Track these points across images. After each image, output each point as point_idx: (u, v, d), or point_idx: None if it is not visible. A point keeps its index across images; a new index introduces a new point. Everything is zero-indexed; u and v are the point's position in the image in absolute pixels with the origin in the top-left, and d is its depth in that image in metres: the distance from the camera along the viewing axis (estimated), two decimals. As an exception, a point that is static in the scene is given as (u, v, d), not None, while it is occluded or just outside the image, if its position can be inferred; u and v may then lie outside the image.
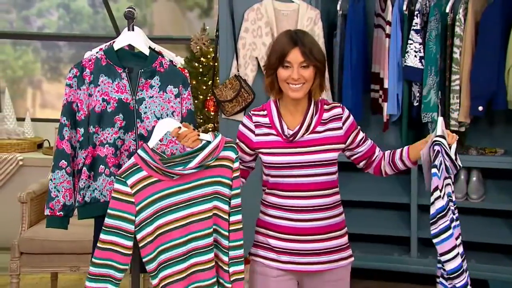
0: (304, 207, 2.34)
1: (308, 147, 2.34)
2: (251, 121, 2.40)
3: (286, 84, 2.32)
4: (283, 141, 2.35)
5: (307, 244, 2.35)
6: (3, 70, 5.57)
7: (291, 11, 3.85)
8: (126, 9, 2.72)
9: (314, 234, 2.35)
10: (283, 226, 2.36)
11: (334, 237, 2.39)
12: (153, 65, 2.66)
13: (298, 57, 2.29)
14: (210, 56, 4.37)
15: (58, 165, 2.57)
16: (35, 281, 4.22)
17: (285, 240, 2.36)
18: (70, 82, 2.61)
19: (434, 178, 2.25)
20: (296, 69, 2.30)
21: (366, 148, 2.46)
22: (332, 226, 2.38)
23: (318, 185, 2.35)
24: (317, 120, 2.37)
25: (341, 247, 2.41)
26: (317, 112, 2.38)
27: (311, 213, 2.34)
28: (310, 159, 2.33)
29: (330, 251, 2.38)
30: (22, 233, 3.72)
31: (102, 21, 5.48)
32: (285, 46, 2.30)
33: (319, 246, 2.36)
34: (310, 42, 2.32)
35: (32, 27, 5.58)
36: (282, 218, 2.36)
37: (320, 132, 2.36)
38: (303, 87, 2.32)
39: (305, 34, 2.37)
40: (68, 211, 2.59)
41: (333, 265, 2.39)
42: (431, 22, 3.88)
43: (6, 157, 4.86)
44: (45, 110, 5.65)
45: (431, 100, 3.92)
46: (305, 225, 2.34)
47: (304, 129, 2.35)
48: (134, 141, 2.61)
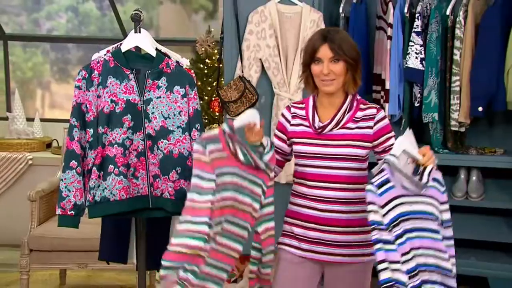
0: (326, 198, 2.37)
1: (335, 140, 2.37)
2: (289, 112, 2.47)
3: (318, 78, 2.38)
4: (313, 132, 2.40)
5: (326, 234, 2.37)
6: (13, 71, 5.58)
7: (295, 13, 3.85)
8: (133, 11, 2.72)
9: (333, 225, 2.37)
10: (305, 215, 2.40)
11: (355, 232, 2.38)
12: (160, 66, 2.67)
13: (328, 52, 2.35)
14: (215, 58, 4.37)
15: (68, 165, 2.58)
16: (44, 277, 4.23)
17: (306, 228, 2.40)
18: (79, 84, 2.61)
19: (368, 194, 2.19)
20: (326, 64, 2.36)
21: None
22: (353, 221, 2.37)
23: (341, 178, 2.37)
24: (349, 117, 2.40)
25: (362, 243, 2.39)
26: (351, 110, 2.41)
27: (332, 205, 2.37)
28: (335, 152, 2.36)
29: (350, 245, 2.39)
30: (31, 231, 3.73)
31: (109, 23, 5.49)
32: (316, 43, 2.37)
33: (338, 238, 2.37)
34: (340, 39, 2.37)
35: (41, 30, 5.59)
36: (305, 207, 2.40)
37: (350, 128, 2.39)
38: (334, 82, 2.37)
39: (337, 31, 2.42)
40: (79, 210, 2.59)
41: (353, 259, 2.40)
42: (432, 24, 3.88)
43: (16, 156, 4.87)
44: (53, 111, 5.67)
45: (432, 101, 3.92)
46: (325, 215, 2.37)
47: (334, 123, 2.39)
48: (142, 141, 2.62)
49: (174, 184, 2.61)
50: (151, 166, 2.61)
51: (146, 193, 2.61)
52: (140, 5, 5.38)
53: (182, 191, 2.60)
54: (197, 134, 2.66)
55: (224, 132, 2.31)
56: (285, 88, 3.85)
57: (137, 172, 2.60)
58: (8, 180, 4.87)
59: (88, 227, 3.21)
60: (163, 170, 2.61)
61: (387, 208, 2.19)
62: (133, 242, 2.90)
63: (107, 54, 2.68)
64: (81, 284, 4.19)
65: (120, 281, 4.23)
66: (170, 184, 2.60)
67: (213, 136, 2.32)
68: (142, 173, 2.61)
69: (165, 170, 2.60)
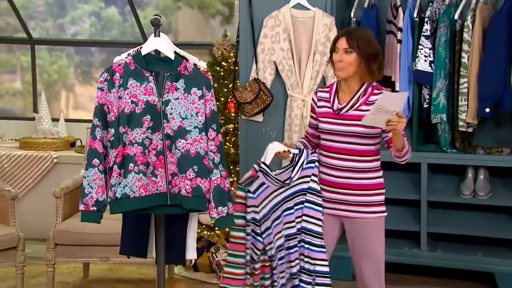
0: (342, 167, 2.74)
1: (350, 120, 2.71)
2: (316, 96, 2.84)
3: (334, 65, 2.73)
4: (333, 113, 2.75)
5: (340, 195, 2.76)
6: (40, 74, 5.62)
7: (308, 18, 3.84)
8: (152, 16, 2.72)
9: (348, 189, 2.74)
10: (327, 180, 2.79)
11: (366, 194, 2.74)
12: (178, 68, 2.67)
13: (343, 44, 2.70)
14: (231, 61, 4.36)
15: (91, 164, 2.58)
16: (69, 270, 4.25)
17: (328, 191, 2.79)
18: (101, 86, 2.62)
19: (248, 199, 2.70)
20: (340, 53, 2.70)
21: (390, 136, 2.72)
22: (365, 186, 2.74)
23: (354, 151, 2.72)
24: (363, 101, 2.72)
25: (373, 203, 2.75)
26: (366, 94, 2.73)
27: (346, 172, 2.74)
28: (350, 130, 2.71)
29: (360, 204, 2.74)
30: (56, 226, 3.75)
31: (130, 28, 5.51)
32: (338, 35, 2.77)
33: (350, 198, 2.75)
34: (358, 35, 2.70)
35: (66, 34, 5.62)
36: (326, 174, 2.79)
37: (363, 110, 2.69)
38: (346, 70, 2.70)
39: (359, 30, 2.86)
40: (100, 206, 2.59)
41: (365, 215, 2.75)
42: (441, 29, 3.85)
43: (42, 155, 4.90)
44: (77, 111, 5.69)
45: (440, 102, 3.90)
46: (341, 181, 2.75)
47: (350, 106, 2.73)
48: (161, 140, 2.62)
49: (191, 182, 2.60)
50: (169, 164, 2.61)
51: (164, 190, 2.61)
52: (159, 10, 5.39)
53: (199, 188, 2.60)
54: (213, 134, 2.65)
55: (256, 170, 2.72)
56: (298, 90, 3.84)
57: (156, 170, 2.61)
58: (34, 177, 4.90)
59: (110, 223, 3.21)
60: (181, 169, 2.60)
61: (262, 204, 2.70)
62: (152, 237, 2.90)
63: (128, 57, 2.68)
64: (103, 277, 4.21)
65: (140, 274, 4.24)
66: (187, 182, 2.60)
67: (249, 177, 2.71)
68: (160, 171, 2.61)
69: (183, 168, 2.60)
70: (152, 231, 2.89)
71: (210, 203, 2.63)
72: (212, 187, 2.62)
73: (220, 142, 2.67)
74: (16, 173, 4.89)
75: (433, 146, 4.08)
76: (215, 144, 2.65)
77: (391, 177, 4.15)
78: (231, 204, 2.67)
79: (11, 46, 5.72)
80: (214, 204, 2.62)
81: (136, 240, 2.90)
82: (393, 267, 4.19)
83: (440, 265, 4.00)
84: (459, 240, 4.02)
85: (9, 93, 5.78)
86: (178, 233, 2.86)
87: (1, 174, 4.87)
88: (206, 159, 2.62)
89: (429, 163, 3.96)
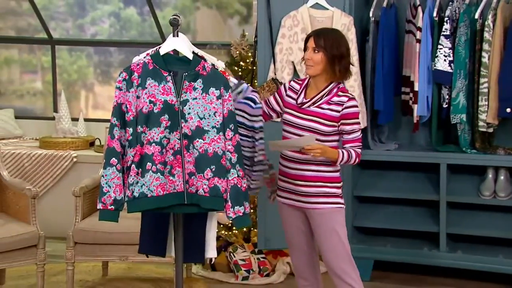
0: (298, 159, 2.86)
1: (309, 115, 2.84)
2: (289, 84, 2.96)
3: (304, 63, 2.87)
4: (296, 106, 2.88)
5: (295, 186, 2.89)
6: (60, 74, 5.66)
7: (326, 18, 3.82)
8: (171, 16, 2.72)
9: (304, 180, 2.86)
10: (285, 172, 2.92)
11: (322, 186, 2.85)
12: (196, 68, 2.66)
13: (311, 43, 2.83)
14: (249, 61, 4.36)
15: (109, 163, 2.59)
16: (88, 268, 4.28)
17: (286, 181, 2.92)
18: (120, 85, 2.63)
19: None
20: (309, 52, 2.84)
21: (344, 139, 2.87)
22: (320, 178, 2.86)
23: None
24: (326, 100, 2.84)
25: (329, 194, 2.86)
26: (329, 94, 2.85)
27: (304, 165, 2.86)
28: (308, 125, 2.83)
29: (314, 195, 2.86)
30: (76, 225, 3.77)
31: (149, 28, 5.53)
32: (309, 35, 2.89)
33: (304, 189, 2.87)
34: (325, 36, 2.82)
35: (86, 34, 5.66)
36: (285, 166, 2.91)
37: (323, 108, 2.83)
38: (313, 68, 2.83)
39: (327, 30, 2.93)
40: (118, 205, 2.60)
41: (322, 205, 2.86)
42: (461, 28, 3.81)
43: (62, 154, 4.94)
44: (96, 111, 5.73)
45: (460, 102, 3.86)
46: (297, 173, 2.88)
47: (312, 102, 2.85)
48: (178, 140, 2.62)
49: (209, 181, 2.60)
50: (187, 164, 2.61)
51: (181, 189, 2.62)
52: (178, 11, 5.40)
53: (216, 188, 2.60)
54: (230, 133, 2.65)
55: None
56: (317, 90, 3.82)
57: (174, 170, 2.61)
58: (54, 176, 4.94)
59: (129, 222, 3.23)
60: (198, 168, 2.60)
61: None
62: (171, 236, 2.90)
63: (147, 57, 2.69)
64: (122, 276, 4.22)
65: (158, 274, 4.25)
66: (205, 181, 2.60)
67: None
68: (178, 170, 2.61)
69: (200, 168, 2.60)
70: (171, 230, 2.89)
71: (227, 203, 2.62)
72: (229, 187, 2.62)
73: (238, 142, 2.67)
74: (36, 172, 4.93)
75: (452, 147, 4.03)
76: (232, 144, 2.64)
77: (411, 177, 4.13)
78: (248, 203, 2.66)
79: (32, 47, 5.78)
80: (231, 204, 2.62)
81: (155, 239, 2.91)
82: (412, 268, 4.16)
83: (459, 266, 3.96)
84: (479, 241, 3.98)
85: (30, 93, 5.84)
86: (196, 231, 2.86)
87: (22, 173, 4.92)
88: (223, 159, 2.62)
89: (448, 163, 3.92)
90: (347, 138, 2.85)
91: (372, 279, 4.07)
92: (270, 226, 3.89)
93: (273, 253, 4.22)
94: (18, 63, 5.84)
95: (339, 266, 2.85)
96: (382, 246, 4.06)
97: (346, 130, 2.83)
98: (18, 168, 4.93)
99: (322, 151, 2.76)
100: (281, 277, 4.11)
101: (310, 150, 2.75)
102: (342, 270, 2.85)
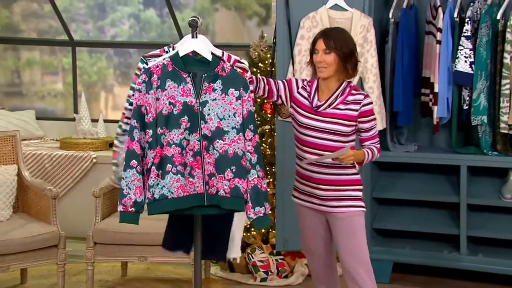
0: (321, 163, 2.82)
1: (326, 117, 2.82)
2: (302, 83, 2.91)
3: (315, 66, 2.84)
4: (311, 109, 2.85)
5: (316, 190, 2.85)
6: (80, 75, 5.71)
7: (345, 19, 3.80)
8: (190, 18, 2.73)
9: (321, 183, 2.84)
10: (304, 174, 2.88)
11: (344, 189, 2.83)
12: (216, 69, 2.66)
13: (322, 45, 2.81)
14: (268, 62, 4.35)
15: (129, 165, 2.60)
16: (108, 268, 4.30)
17: (306, 185, 2.89)
18: (139, 87, 2.64)
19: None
20: (320, 54, 2.81)
21: (362, 137, 2.86)
22: (342, 182, 2.84)
23: (328, 147, 2.81)
24: (341, 100, 2.83)
25: (351, 197, 2.84)
26: (343, 94, 2.83)
27: (323, 168, 2.83)
28: (326, 127, 2.82)
29: (335, 199, 2.84)
30: (96, 225, 3.79)
31: (168, 29, 5.55)
32: (316, 37, 2.85)
33: (325, 193, 2.84)
34: (335, 35, 2.81)
35: (106, 36, 5.70)
36: (306, 169, 2.87)
37: (340, 109, 2.82)
38: (326, 70, 2.81)
39: (335, 30, 2.89)
40: (139, 207, 2.61)
41: (344, 209, 2.83)
42: (482, 29, 3.76)
43: (82, 155, 4.97)
44: (116, 112, 5.76)
45: (481, 104, 3.81)
46: (315, 176, 2.85)
47: (328, 104, 2.83)
48: (198, 141, 2.62)
49: (229, 182, 2.60)
50: (207, 165, 2.61)
51: (201, 191, 2.61)
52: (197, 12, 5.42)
53: (237, 189, 2.60)
54: (250, 134, 2.65)
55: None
56: (336, 91, 3.80)
57: (193, 171, 2.61)
58: (74, 177, 4.97)
59: (148, 223, 3.23)
60: (219, 169, 2.60)
61: None
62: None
63: (166, 58, 2.69)
64: (141, 276, 4.24)
65: (176, 274, 4.26)
66: (226, 182, 2.60)
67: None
68: (197, 172, 2.61)
69: (221, 169, 2.60)
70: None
71: (247, 204, 2.62)
72: (250, 188, 2.61)
73: (257, 142, 2.66)
74: (57, 172, 4.97)
75: (473, 149, 3.99)
76: (252, 145, 2.64)
77: (430, 179, 4.09)
78: (268, 204, 2.65)
79: (53, 48, 5.83)
80: (252, 205, 2.61)
81: (180, 236, 2.91)
82: (432, 271, 4.12)
83: (480, 269, 3.91)
84: (501, 245, 3.93)
85: (51, 94, 5.89)
86: (220, 230, 2.87)
87: (43, 174, 4.96)
88: (243, 160, 2.62)
89: (469, 165, 3.87)
90: (366, 135, 2.85)
91: (391, 281, 4.04)
92: (288, 228, 3.88)
93: (291, 255, 4.21)
94: (40, 65, 5.89)
95: (357, 270, 2.83)
96: (402, 248, 4.03)
97: (365, 127, 2.83)
98: (39, 169, 4.97)
99: (354, 157, 2.76)
100: (300, 279, 4.10)
101: (344, 159, 2.74)
102: (359, 275, 2.82)
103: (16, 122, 5.35)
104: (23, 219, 3.83)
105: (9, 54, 5.90)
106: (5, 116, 5.42)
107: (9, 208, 3.86)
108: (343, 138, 2.82)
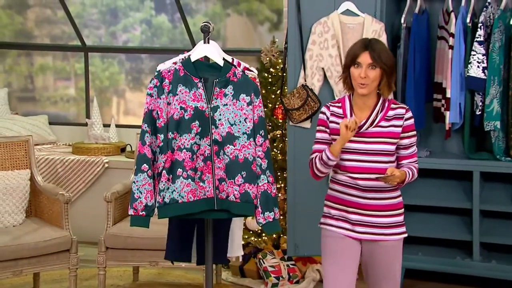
0: (367, 187, 2.60)
1: (371, 138, 2.59)
2: (328, 110, 2.68)
3: (356, 81, 2.59)
4: None
5: (365, 217, 2.62)
6: (92, 80, 5.75)
7: (357, 24, 3.80)
8: (202, 23, 2.74)
9: (370, 210, 2.61)
10: (347, 200, 2.64)
11: (389, 215, 2.63)
12: (227, 75, 2.68)
13: (367, 59, 2.57)
14: (279, 67, 4.36)
15: (140, 169, 2.62)
16: (119, 273, 4.32)
17: (348, 212, 2.64)
18: (151, 92, 2.66)
19: None
20: (364, 69, 2.56)
21: (401, 154, 2.66)
22: (388, 206, 2.63)
23: (376, 170, 2.59)
24: (382, 116, 2.61)
25: (395, 224, 2.65)
26: (383, 109, 2.62)
27: (370, 193, 2.61)
28: (372, 148, 2.59)
29: (383, 226, 2.63)
30: (107, 230, 3.81)
31: (180, 35, 5.58)
32: (358, 50, 2.59)
33: (374, 220, 2.62)
34: (380, 48, 2.58)
35: (118, 42, 5.74)
36: (346, 194, 2.64)
37: (384, 127, 2.60)
38: (369, 86, 2.57)
39: (377, 42, 2.64)
40: (149, 211, 2.62)
41: (385, 237, 2.64)
42: (495, 34, 3.75)
43: (93, 160, 5.00)
44: (128, 117, 5.79)
45: (494, 109, 3.79)
46: (363, 202, 2.62)
47: (369, 123, 2.61)
48: (209, 146, 2.63)
49: (240, 187, 2.61)
50: (217, 170, 2.62)
51: (211, 195, 2.63)
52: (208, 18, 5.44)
53: (247, 194, 2.61)
54: (261, 139, 2.65)
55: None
56: (347, 96, 3.80)
57: (204, 176, 2.62)
58: (86, 182, 5.00)
59: (159, 227, 3.25)
60: (229, 174, 2.61)
61: None
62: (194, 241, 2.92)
63: (178, 63, 2.71)
64: (152, 281, 4.25)
65: (187, 279, 4.27)
66: (236, 187, 2.61)
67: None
68: (208, 176, 2.62)
69: (231, 174, 2.61)
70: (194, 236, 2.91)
71: (257, 209, 2.63)
72: (259, 193, 2.62)
73: (268, 148, 2.67)
74: (69, 177, 5.00)
75: (486, 154, 3.97)
76: (262, 150, 2.65)
77: (442, 185, 4.07)
78: (277, 209, 2.66)
79: (66, 54, 5.88)
80: (261, 210, 2.62)
81: (181, 245, 2.92)
82: (444, 277, 4.10)
83: (493, 276, 3.88)
84: (514, 251, 3.90)
85: (64, 100, 5.94)
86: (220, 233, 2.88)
87: (55, 178, 5.00)
88: (254, 165, 2.63)
89: (481, 171, 3.85)
90: (405, 153, 2.63)
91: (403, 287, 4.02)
92: (299, 233, 3.87)
93: (302, 260, 4.21)
94: (52, 70, 5.94)
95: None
96: (414, 254, 4.01)
97: (404, 144, 2.62)
98: (52, 174, 5.01)
99: (399, 177, 2.55)
100: (311, 284, 4.09)
101: (390, 180, 2.54)
102: None
103: (29, 127, 5.40)
104: (36, 224, 3.86)
105: (23, 60, 5.95)
106: (18, 121, 5.47)
107: (22, 213, 3.89)
108: (389, 158, 2.61)
